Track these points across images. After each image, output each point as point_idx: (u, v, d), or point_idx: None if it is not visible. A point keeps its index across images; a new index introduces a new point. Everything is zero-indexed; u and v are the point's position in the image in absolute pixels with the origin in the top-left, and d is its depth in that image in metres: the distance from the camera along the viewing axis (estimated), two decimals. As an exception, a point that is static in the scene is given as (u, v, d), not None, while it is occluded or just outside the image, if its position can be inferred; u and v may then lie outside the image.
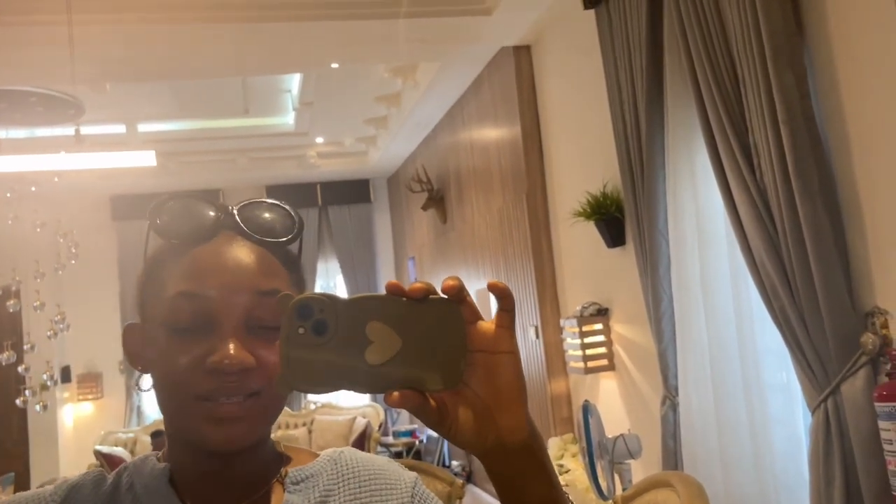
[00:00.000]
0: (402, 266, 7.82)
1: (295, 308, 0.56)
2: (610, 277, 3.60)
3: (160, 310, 0.74)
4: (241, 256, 0.75)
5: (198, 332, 0.72)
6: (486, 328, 0.60)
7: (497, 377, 0.61)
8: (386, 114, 6.33)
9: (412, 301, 0.58)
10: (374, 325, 0.57)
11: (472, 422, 0.61)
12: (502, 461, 0.63)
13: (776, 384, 2.45)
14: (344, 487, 0.82)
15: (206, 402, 0.71)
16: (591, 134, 3.65)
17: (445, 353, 0.58)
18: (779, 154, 2.13)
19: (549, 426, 4.15)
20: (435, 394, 0.60)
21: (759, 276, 2.28)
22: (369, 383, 0.57)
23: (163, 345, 0.73)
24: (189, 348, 0.71)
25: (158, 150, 6.35)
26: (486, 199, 5.09)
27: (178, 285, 0.72)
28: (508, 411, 0.61)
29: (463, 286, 0.59)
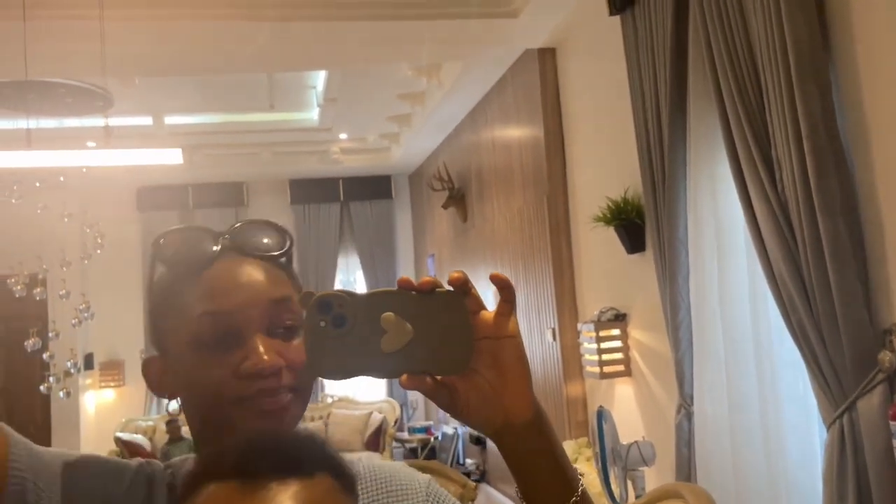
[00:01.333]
0: (422, 263, 7.85)
1: (316, 304, 0.63)
2: (628, 283, 3.60)
3: (185, 333, 0.78)
4: (249, 273, 0.81)
5: (225, 346, 0.77)
6: (489, 316, 0.67)
7: (502, 360, 0.67)
8: (409, 112, 6.35)
9: (421, 294, 0.64)
10: (388, 317, 0.63)
11: (481, 403, 0.67)
12: (512, 439, 0.68)
13: (792, 397, 2.45)
14: (363, 492, 0.85)
15: (248, 402, 0.76)
16: (613, 139, 3.65)
17: (453, 341, 0.64)
18: (801, 169, 2.12)
19: (564, 429, 4.16)
20: (446, 378, 0.66)
21: (777, 288, 2.27)
22: (385, 369, 0.64)
23: (193, 363, 0.78)
24: (221, 361, 0.76)
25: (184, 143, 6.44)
26: (507, 199, 5.10)
27: (199, 307, 0.77)
28: (514, 391, 0.67)
29: (467, 279, 0.65)
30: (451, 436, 6.65)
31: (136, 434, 6.63)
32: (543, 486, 0.70)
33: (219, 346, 0.77)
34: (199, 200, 7.73)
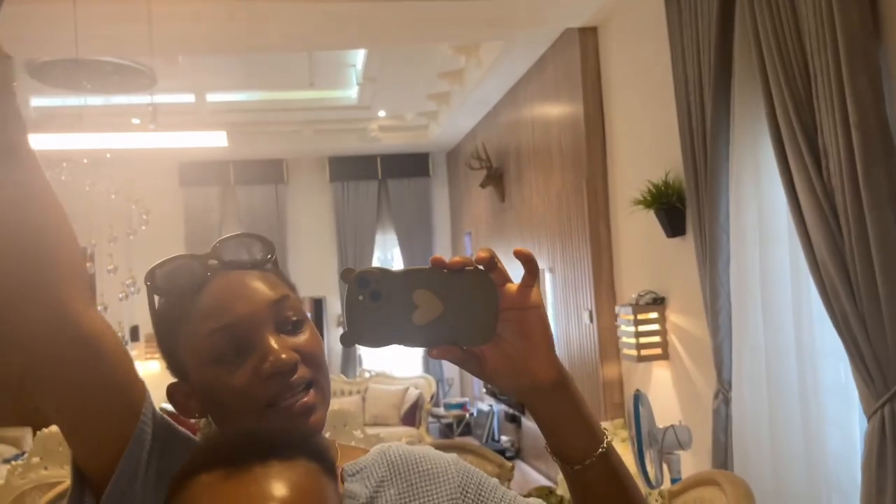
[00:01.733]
0: (459, 241, 7.88)
1: (355, 280, 0.70)
2: (668, 267, 3.58)
3: (199, 354, 0.83)
4: (243, 282, 0.85)
5: (241, 355, 0.82)
6: (514, 289, 0.72)
7: (526, 329, 0.73)
8: (448, 90, 6.34)
9: (452, 272, 0.70)
10: (420, 293, 0.70)
11: (509, 368, 0.73)
12: (539, 400, 0.75)
13: (833, 386, 2.44)
14: (397, 477, 0.90)
15: (278, 407, 0.81)
16: (654, 122, 3.61)
17: (480, 314, 0.71)
18: (848, 158, 2.10)
19: (601, 410, 4.18)
20: (474, 347, 0.72)
21: (820, 277, 2.25)
22: (417, 340, 0.71)
23: (215, 380, 0.83)
24: (240, 369, 0.82)
25: (225, 121, 6.53)
26: (546, 180, 5.08)
27: (206, 326, 0.83)
28: (538, 356, 0.73)
29: (493, 255, 0.71)
30: (487, 412, 6.72)
31: (180, 404, 6.82)
32: (571, 440, 0.76)
33: (234, 357, 0.82)
34: (239, 177, 7.84)
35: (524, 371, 0.73)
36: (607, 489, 0.77)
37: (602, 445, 0.76)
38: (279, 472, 0.65)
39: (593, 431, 0.76)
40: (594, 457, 0.76)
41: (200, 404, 0.86)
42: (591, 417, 0.77)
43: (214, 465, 0.65)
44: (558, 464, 0.78)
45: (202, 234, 7.71)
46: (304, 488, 0.65)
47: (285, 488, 0.64)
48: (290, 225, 7.99)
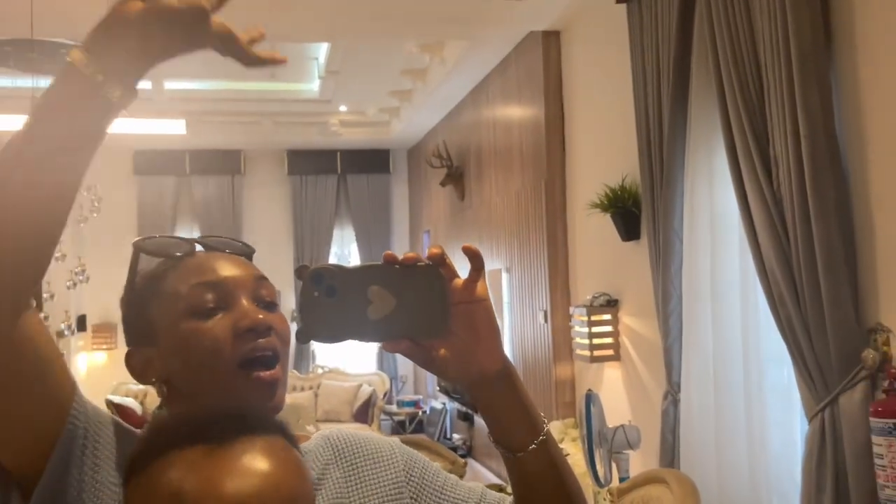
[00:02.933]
0: (418, 239, 7.88)
1: (310, 276, 0.71)
2: (622, 270, 3.65)
3: (178, 308, 0.85)
4: (228, 258, 0.90)
5: (220, 310, 0.85)
6: (461, 283, 0.75)
7: (474, 321, 0.75)
8: (411, 87, 6.34)
9: (404, 267, 0.73)
10: (374, 289, 0.72)
11: (457, 359, 0.76)
12: (485, 390, 0.78)
13: (777, 389, 2.51)
14: (342, 460, 0.92)
15: (251, 370, 0.83)
16: (613, 126, 3.67)
17: (432, 308, 0.73)
18: (797, 167, 2.16)
19: (552, 409, 4.23)
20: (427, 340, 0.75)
21: (768, 283, 2.32)
22: (372, 335, 0.73)
23: (189, 333, 0.84)
24: (218, 324, 0.84)
25: (183, 109, 6.42)
26: (505, 180, 5.12)
27: (192, 280, 0.86)
28: (486, 347, 0.76)
29: (443, 253, 0.74)
30: (440, 410, 6.73)
31: (127, 397, 6.69)
32: (514, 428, 0.79)
33: (212, 310, 0.84)
34: (196, 167, 7.71)
35: (472, 362, 0.76)
36: (548, 476, 0.81)
37: (543, 433, 0.79)
38: (263, 446, 0.66)
39: (534, 420, 0.80)
40: (535, 444, 0.79)
41: (164, 367, 0.86)
42: (533, 407, 0.80)
43: (192, 442, 0.65)
44: (501, 452, 0.81)
45: (155, 223, 7.55)
46: (288, 461, 0.67)
47: (272, 461, 0.65)
48: (246, 217, 7.88)
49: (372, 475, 0.90)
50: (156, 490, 0.64)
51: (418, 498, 0.91)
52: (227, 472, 0.63)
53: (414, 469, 0.92)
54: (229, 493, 0.62)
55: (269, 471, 0.64)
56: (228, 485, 0.62)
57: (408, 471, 0.92)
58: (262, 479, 0.63)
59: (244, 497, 0.62)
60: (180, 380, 0.85)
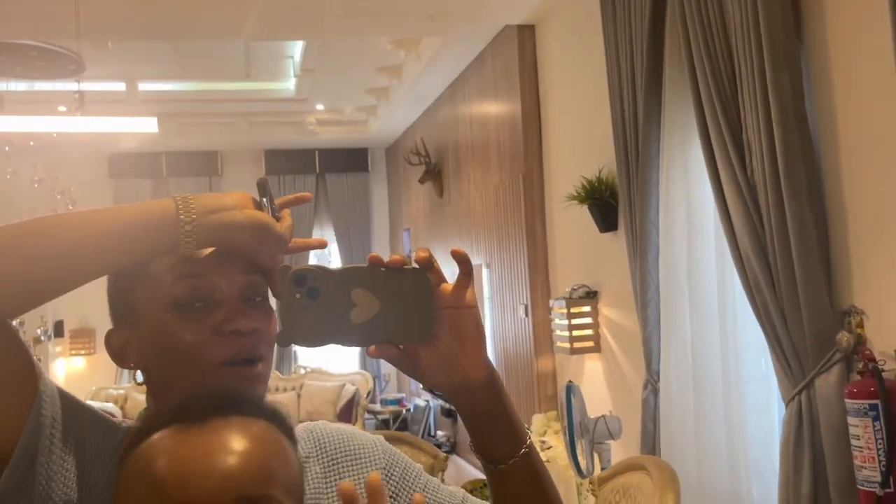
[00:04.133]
0: (398, 237, 7.87)
1: (292, 277, 0.69)
2: (600, 261, 3.66)
3: (161, 295, 0.81)
4: (219, 250, 0.84)
5: (203, 308, 0.80)
6: (449, 288, 0.74)
7: (461, 328, 0.74)
8: (387, 85, 6.33)
9: (390, 270, 0.70)
10: (357, 292, 0.69)
11: (441, 366, 0.74)
12: (469, 397, 0.77)
13: (754, 377, 2.53)
14: (323, 454, 0.90)
15: (231, 368, 0.80)
16: (589, 118, 3.68)
17: (418, 313, 0.71)
18: (770, 153, 2.18)
19: (534, 403, 4.24)
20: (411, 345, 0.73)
21: (744, 270, 2.34)
22: (354, 339, 0.70)
23: (170, 327, 0.80)
24: (200, 321, 0.80)
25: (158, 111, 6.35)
26: (484, 176, 5.12)
27: (178, 271, 0.81)
28: (471, 354, 0.75)
29: (431, 256, 0.72)
30: (423, 408, 6.73)
31: (107, 402, 6.62)
32: (496, 439, 0.78)
33: (196, 307, 0.80)
34: (172, 168, 7.65)
35: (456, 369, 0.74)
36: (527, 489, 0.79)
37: (525, 445, 0.78)
38: (239, 424, 0.64)
39: (518, 432, 0.78)
40: (517, 456, 0.77)
41: (142, 352, 0.83)
42: (516, 418, 0.79)
43: (168, 424, 0.64)
44: (481, 462, 0.79)
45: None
46: (264, 440, 0.65)
47: (245, 440, 0.63)
48: (225, 219, 7.82)
49: (351, 471, 0.89)
50: (134, 476, 0.63)
51: (396, 498, 0.90)
52: (197, 451, 0.62)
53: (395, 468, 0.91)
54: (199, 472, 0.61)
55: (241, 449, 0.63)
56: (199, 463, 0.61)
57: (388, 469, 0.91)
58: (233, 457, 0.62)
59: (214, 475, 0.61)
60: (157, 369, 0.83)
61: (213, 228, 0.76)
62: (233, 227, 0.77)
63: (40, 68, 5.39)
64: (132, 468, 0.64)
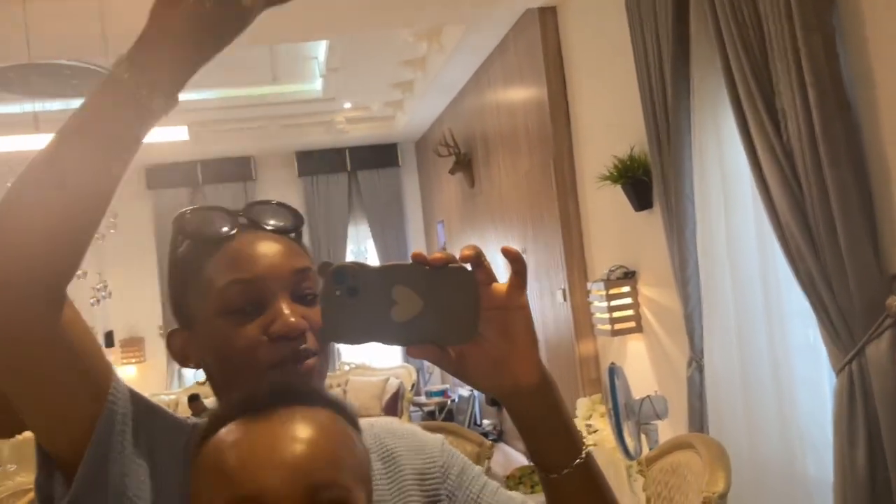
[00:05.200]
0: (432, 230, 7.87)
1: (332, 274, 0.67)
2: (637, 241, 3.61)
3: (212, 303, 0.81)
4: (270, 244, 0.84)
5: (253, 312, 0.80)
6: (500, 288, 0.70)
7: (510, 330, 0.70)
8: (412, 77, 6.32)
9: (434, 268, 0.67)
10: (399, 289, 0.67)
11: (490, 369, 0.71)
12: (520, 403, 0.73)
13: (801, 346, 2.47)
14: (380, 446, 0.90)
15: (280, 370, 0.80)
16: (617, 97, 3.63)
17: (461, 313, 0.68)
18: (806, 117, 2.12)
19: (578, 387, 4.21)
20: (454, 346, 0.70)
21: (784, 239, 2.28)
22: (395, 338, 0.68)
23: (222, 332, 0.81)
24: (250, 326, 0.80)
25: (190, 120, 6.44)
26: (514, 162, 5.09)
27: (226, 276, 0.81)
28: (522, 358, 0.71)
29: (479, 253, 0.69)
30: (468, 398, 6.73)
31: (159, 409, 6.75)
32: (549, 447, 0.74)
33: (247, 311, 0.80)
34: (207, 176, 7.76)
35: (505, 373, 0.71)
36: (584, 500, 0.75)
37: (581, 456, 0.74)
38: (304, 414, 0.65)
39: (573, 440, 0.74)
40: (572, 467, 0.74)
41: (199, 354, 0.84)
42: (572, 426, 0.75)
43: (235, 417, 0.65)
44: (536, 470, 0.76)
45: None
46: (331, 429, 0.66)
47: (312, 428, 0.64)
48: (261, 222, 7.92)
49: (407, 467, 0.89)
50: (205, 471, 0.64)
51: (453, 499, 0.88)
52: (266, 441, 0.63)
53: (452, 469, 0.90)
54: (269, 461, 0.62)
55: (309, 438, 0.63)
56: (268, 453, 0.62)
57: (445, 469, 0.89)
58: (302, 446, 0.63)
59: (284, 464, 0.62)
60: (215, 370, 0.84)
61: (151, 42, 0.71)
62: (158, 23, 0.71)
63: (74, 86, 5.49)
64: (202, 463, 0.65)
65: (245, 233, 0.85)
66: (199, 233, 0.84)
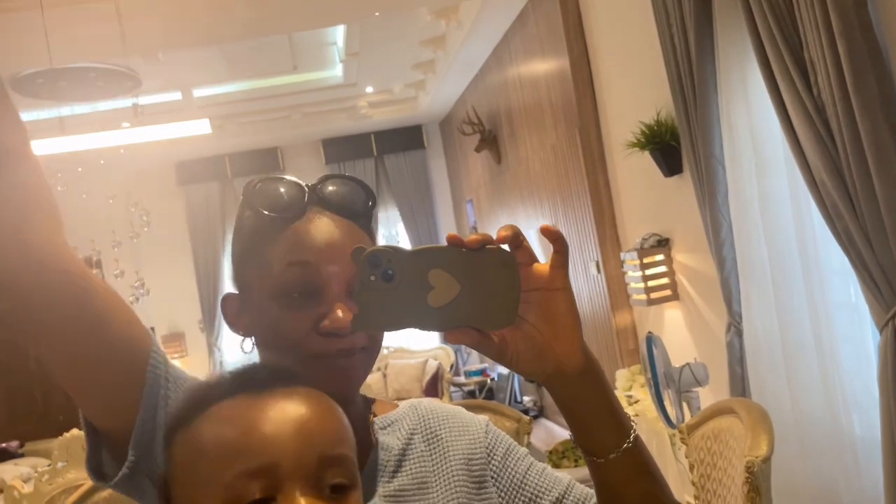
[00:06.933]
0: (461, 209, 7.85)
1: (366, 259, 0.65)
2: (669, 207, 3.55)
3: (269, 281, 0.81)
4: (335, 231, 0.82)
5: (307, 299, 0.80)
6: (541, 269, 0.68)
7: (552, 312, 0.68)
8: (432, 57, 6.27)
9: (471, 250, 0.65)
10: (435, 273, 0.65)
11: (531, 352, 0.69)
12: (563, 387, 0.71)
13: (842, 304, 2.41)
14: (425, 427, 0.89)
15: (324, 360, 0.80)
16: (640, 61, 3.55)
17: (500, 296, 0.66)
18: (836, 68, 2.05)
19: (616, 359, 4.18)
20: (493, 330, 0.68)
21: (819, 195, 2.22)
22: (432, 323, 0.66)
23: (274, 313, 0.81)
24: (301, 314, 0.80)
25: (214, 114, 6.50)
26: (539, 136, 5.03)
27: (287, 258, 0.80)
28: (564, 341, 0.69)
29: (518, 233, 0.66)
30: (507, 375, 6.73)
31: (204, 401, 6.88)
32: (595, 431, 0.73)
33: (301, 299, 0.80)
34: (236, 169, 7.83)
35: (548, 356, 0.69)
36: (632, 484, 0.73)
37: (628, 440, 0.72)
38: (304, 392, 0.66)
39: (620, 424, 0.73)
40: (618, 452, 0.72)
41: (250, 327, 0.85)
42: (619, 409, 0.73)
43: (235, 392, 0.65)
44: (582, 454, 0.75)
45: (206, 229, 7.71)
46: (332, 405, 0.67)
47: (318, 404, 0.65)
48: (292, 212, 7.97)
49: (453, 448, 0.88)
50: (199, 442, 0.64)
51: (498, 480, 0.87)
52: (276, 415, 0.63)
53: (497, 449, 0.89)
54: (282, 433, 0.62)
55: (317, 413, 0.64)
56: (280, 425, 0.62)
57: (490, 449, 0.89)
58: (313, 420, 0.63)
59: (297, 436, 0.62)
60: (262, 345, 0.85)
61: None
62: None
63: (100, 88, 5.57)
64: (198, 441, 0.64)
65: (312, 212, 0.83)
66: (265, 207, 0.83)
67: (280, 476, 0.60)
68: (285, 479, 0.60)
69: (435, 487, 0.85)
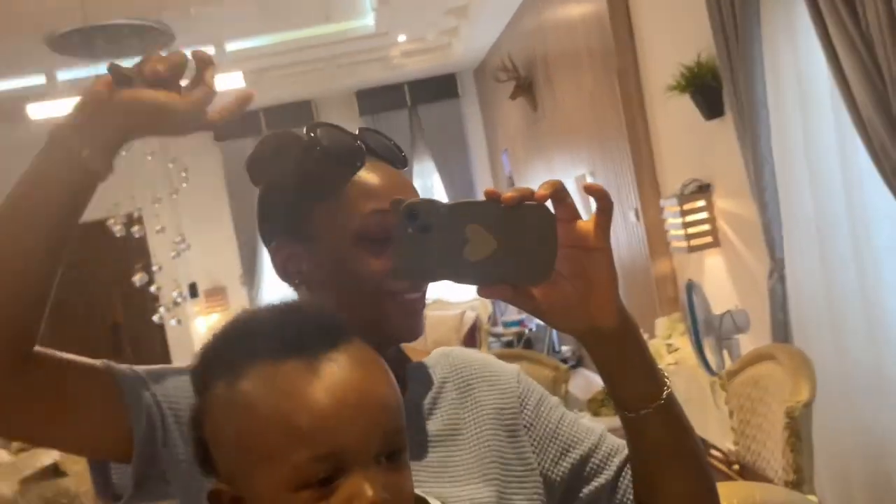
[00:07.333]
0: (496, 160, 7.77)
1: (405, 211, 0.66)
2: (709, 151, 3.46)
3: (350, 224, 0.82)
4: (400, 178, 0.85)
5: (385, 244, 0.80)
6: (583, 226, 0.68)
7: (590, 270, 0.69)
8: (466, 2, 6.14)
9: (508, 206, 0.65)
10: (472, 227, 0.66)
11: (565, 308, 0.69)
12: (597, 344, 0.72)
13: (889, 248, 2.34)
14: (457, 376, 0.90)
15: (398, 297, 0.82)
16: (680, 1, 3.43)
17: (536, 252, 0.66)
18: (885, 1, 1.94)
19: (655, 307, 4.14)
20: (529, 286, 0.68)
21: (867, 135, 2.13)
22: (468, 276, 0.67)
23: (354, 255, 0.82)
24: (381, 257, 0.81)
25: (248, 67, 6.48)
26: (577, 82, 4.93)
27: (367, 204, 0.82)
28: (600, 299, 0.69)
29: (561, 188, 0.67)
30: (545, 325, 6.74)
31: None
32: (628, 387, 0.74)
33: (380, 242, 0.81)
34: (271, 123, 7.83)
35: (582, 314, 0.70)
36: (664, 441, 0.74)
37: (661, 397, 0.73)
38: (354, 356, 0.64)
39: (654, 381, 0.73)
40: (650, 408, 0.73)
41: (311, 272, 0.84)
42: (653, 367, 0.74)
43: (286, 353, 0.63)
44: (615, 409, 0.76)
45: (244, 184, 7.62)
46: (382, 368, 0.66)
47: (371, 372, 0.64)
48: (327, 165, 7.99)
49: (485, 397, 0.88)
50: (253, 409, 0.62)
51: (531, 429, 0.87)
52: (336, 394, 0.61)
53: (529, 399, 0.89)
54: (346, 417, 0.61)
55: (374, 385, 0.64)
56: (340, 406, 0.61)
57: (523, 399, 0.89)
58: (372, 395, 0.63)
59: (361, 418, 0.61)
60: (324, 288, 0.84)
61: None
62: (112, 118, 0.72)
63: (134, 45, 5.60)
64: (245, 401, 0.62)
65: (371, 161, 0.85)
66: (331, 151, 0.83)
67: (346, 459, 0.61)
68: (352, 462, 0.61)
69: (466, 435, 0.85)
